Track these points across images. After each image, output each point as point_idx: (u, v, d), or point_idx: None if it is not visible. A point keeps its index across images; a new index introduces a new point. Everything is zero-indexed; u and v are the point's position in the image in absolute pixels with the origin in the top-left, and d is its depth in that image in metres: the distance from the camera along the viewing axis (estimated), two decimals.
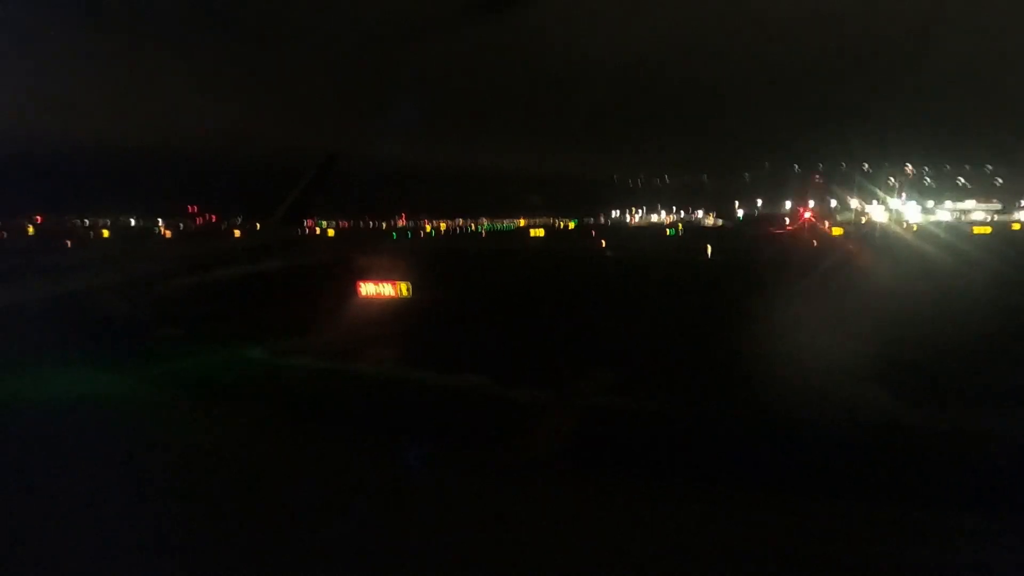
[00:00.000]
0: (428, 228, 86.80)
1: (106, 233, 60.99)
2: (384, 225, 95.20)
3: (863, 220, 72.17)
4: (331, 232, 71.67)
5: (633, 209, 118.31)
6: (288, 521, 3.79)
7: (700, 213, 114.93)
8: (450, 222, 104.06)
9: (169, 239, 58.85)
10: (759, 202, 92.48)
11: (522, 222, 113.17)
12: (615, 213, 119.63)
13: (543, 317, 15.80)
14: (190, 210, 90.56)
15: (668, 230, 68.32)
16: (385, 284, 20.60)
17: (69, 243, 45.38)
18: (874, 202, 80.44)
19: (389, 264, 25.48)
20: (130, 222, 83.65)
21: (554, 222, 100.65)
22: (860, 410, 7.64)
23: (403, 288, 20.48)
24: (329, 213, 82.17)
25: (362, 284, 20.71)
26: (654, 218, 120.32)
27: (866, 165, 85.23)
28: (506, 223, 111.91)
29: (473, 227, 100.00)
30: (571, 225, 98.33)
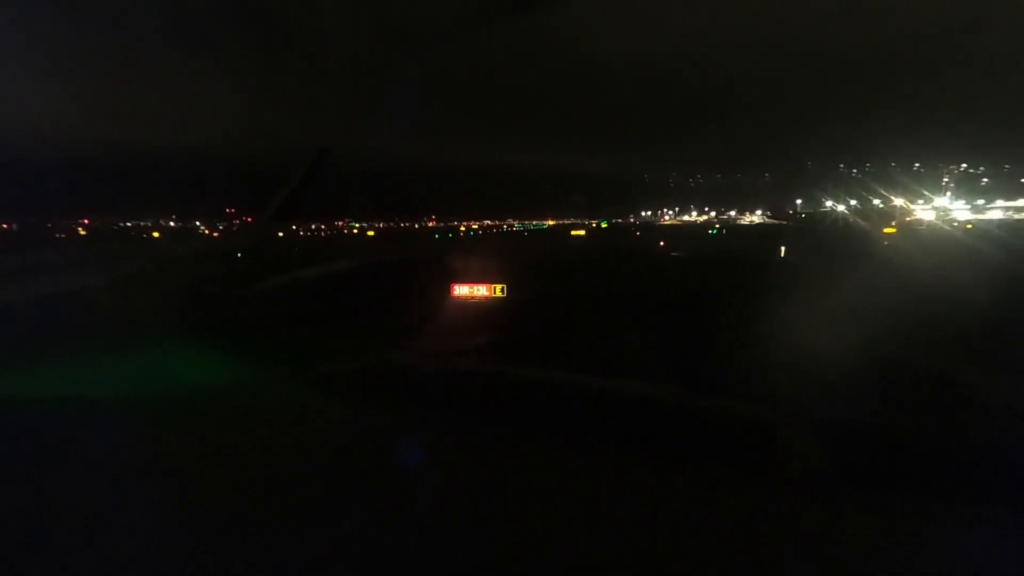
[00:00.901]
0: (463, 229, 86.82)
1: (156, 235, 62.13)
2: (416, 226, 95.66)
3: (908, 219, 70.41)
4: (371, 233, 72.17)
5: (664, 209, 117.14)
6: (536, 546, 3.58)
7: (733, 212, 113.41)
8: (479, 223, 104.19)
9: (218, 239, 59.83)
10: (798, 201, 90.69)
11: (550, 222, 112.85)
12: (645, 213, 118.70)
13: (669, 319, 15.47)
14: (228, 211, 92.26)
15: (710, 230, 67.38)
16: (479, 285, 20.46)
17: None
18: (920, 201, 78.39)
19: (468, 264, 25.29)
20: (169, 224, 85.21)
21: (585, 222, 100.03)
22: None
23: (498, 289, 20.33)
24: (362, 214, 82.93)
25: (456, 285, 20.63)
26: (684, 218, 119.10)
27: (917, 164, 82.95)
28: (535, 223, 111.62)
29: (505, 227, 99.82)
30: (604, 225, 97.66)
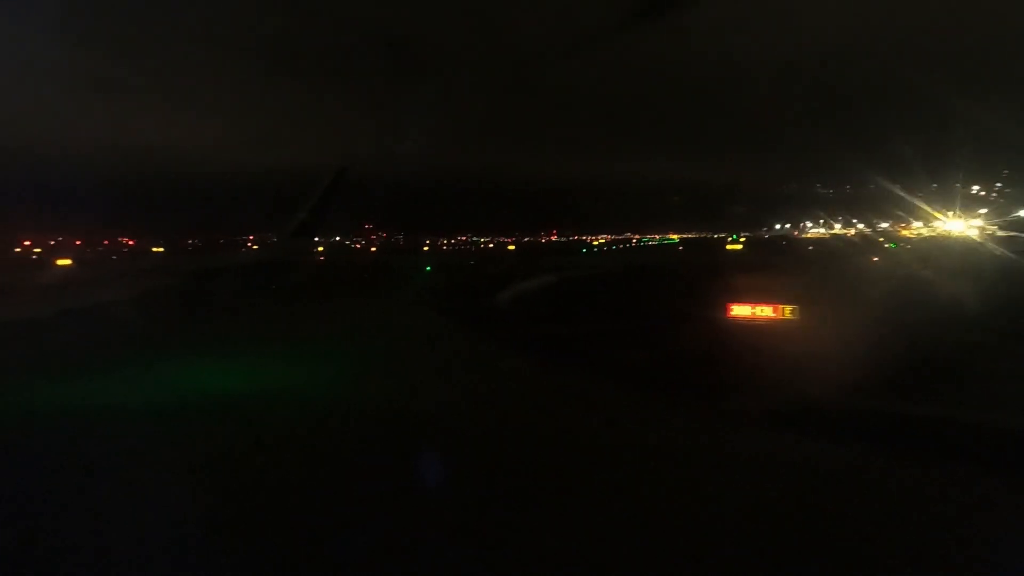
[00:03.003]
0: (596, 242, 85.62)
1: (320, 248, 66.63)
2: (543, 240, 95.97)
3: None
4: (511, 247, 73.07)
5: (806, 222, 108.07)
6: None
7: (884, 224, 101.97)
8: (600, 236, 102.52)
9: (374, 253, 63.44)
10: (983, 211, 79.21)
11: (674, 236, 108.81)
12: (780, 226, 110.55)
13: None
14: (366, 227, 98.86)
15: (887, 244, 60.41)
16: (763, 306, 18.68)
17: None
18: None
19: (738, 281, 23.50)
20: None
21: (726, 236, 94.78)
22: None
23: (786, 311, 18.43)
24: (485, 229, 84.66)
25: (733, 305, 19.00)
26: (823, 230, 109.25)
27: None
28: (659, 237, 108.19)
29: (634, 241, 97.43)
30: (741, 239, 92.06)
